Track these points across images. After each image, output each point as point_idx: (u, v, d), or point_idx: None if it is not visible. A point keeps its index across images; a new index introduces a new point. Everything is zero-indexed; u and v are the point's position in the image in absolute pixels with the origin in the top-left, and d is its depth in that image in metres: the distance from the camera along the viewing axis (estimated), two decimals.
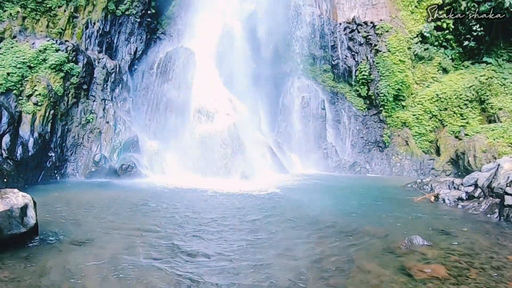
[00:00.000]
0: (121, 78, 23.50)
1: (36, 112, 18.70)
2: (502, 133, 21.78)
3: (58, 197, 14.49)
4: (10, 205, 8.26)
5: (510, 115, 22.68)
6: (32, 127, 18.50)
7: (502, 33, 24.92)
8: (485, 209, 14.10)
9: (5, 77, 18.08)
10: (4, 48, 19.10)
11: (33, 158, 18.19)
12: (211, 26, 25.84)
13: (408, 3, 27.67)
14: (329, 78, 28.45)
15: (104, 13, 23.80)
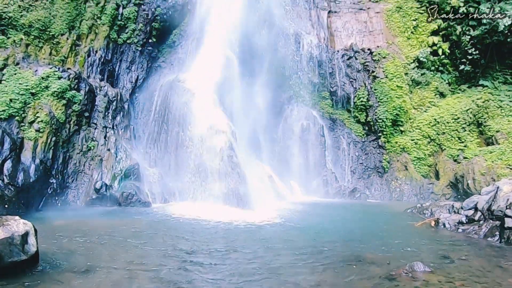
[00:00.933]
0: (122, 106, 23.66)
1: (38, 138, 18.78)
2: (500, 155, 21.93)
3: (59, 225, 14.49)
4: (11, 233, 8.26)
5: (508, 136, 22.86)
6: (33, 153, 18.52)
7: (497, 55, 25.30)
8: (485, 232, 14.14)
9: (8, 104, 18.24)
10: (8, 75, 19.29)
11: (34, 185, 18.18)
12: (211, 55, 26.05)
13: (404, 29, 28.13)
14: (328, 105, 28.68)
15: (106, 41, 24.17)
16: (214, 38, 26.42)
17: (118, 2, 24.87)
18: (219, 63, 26.03)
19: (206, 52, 26.25)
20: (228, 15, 26.52)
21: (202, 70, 25.82)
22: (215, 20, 26.61)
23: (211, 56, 26.09)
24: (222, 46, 26.44)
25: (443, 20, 26.66)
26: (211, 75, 25.65)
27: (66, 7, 22.53)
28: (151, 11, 25.99)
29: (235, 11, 26.65)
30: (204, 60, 26.08)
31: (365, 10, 29.01)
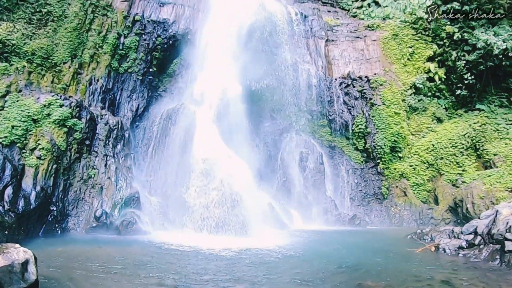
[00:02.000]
0: (123, 134, 23.80)
1: (39, 165, 18.84)
2: (499, 178, 22.07)
3: (59, 252, 14.48)
4: (11, 260, 8.28)
5: (506, 159, 23.04)
6: (34, 180, 18.55)
7: (492, 79, 25.70)
8: (486, 256, 14.21)
9: (9, 130, 18.38)
10: (10, 101, 19.48)
11: (34, 211, 18.19)
12: (210, 84, 26.36)
13: (401, 56, 28.55)
14: (327, 133, 28.89)
15: (108, 70, 24.50)
16: (213, 68, 26.74)
17: (119, 31, 25.32)
18: (218, 92, 26.33)
19: (205, 81, 26.53)
20: (227, 45, 26.95)
21: (201, 99, 26.11)
22: (215, 50, 26.95)
23: (210, 85, 26.39)
24: (221, 75, 26.77)
25: (439, 46, 27.10)
26: (211, 104, 25.95)
27: (68, 35, 22.94)
28: (152, 40, 26.40)
29: (234, 41, 27.09)
30: (204, 89, 26.36)
31: (361, 38, 29.47)
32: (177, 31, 27.33)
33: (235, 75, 27.21)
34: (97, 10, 24.76)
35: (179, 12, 27.78)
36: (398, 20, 29.34)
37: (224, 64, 27.04)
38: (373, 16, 30.82)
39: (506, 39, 23.31)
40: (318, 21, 30.07)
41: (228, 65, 27.09)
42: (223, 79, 26.84)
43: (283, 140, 28.72)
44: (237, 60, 27.07)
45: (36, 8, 22.19)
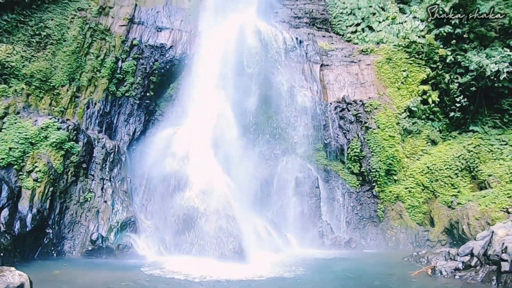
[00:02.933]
0: (119, 158, 23.89)
1: (35, 188, 18.91)
2: (494, 198, 22.18)
3: (54, 276, 14.52)
4: (6, 284, 8.31)
5: (500, 180, 23.18)
6: (31, 202, 18.63)
7: (485, 101, 26.00)
8: (482, 277, 14.27)
9: (7, 152, 18.51)
10: (8, 123, 19.66)
11: (30, 234, 18.24)
12: (207, 109, 26.59)
13: (395, 80, 28.88)
14: (322, 157, 28.99)
15: (105, 94, 24.78)
16: (209, 92, 27.01)
17: (117, 55, 25.68)
18: (214, 117, 26.52)
19: (202, 107, 26.75)
20: (223, 70, 27.28)
21: (198, 124, 26.28)
22: (211, 75, 27.28)
23: (207, 110, 26.60)
24: (218, 100, 27.02)
25: (432, 69, 27.50)
26: (207, 129, 26.11)
27: (67, 59, 23.29)
28: (149, 65, 26.73)
29: (231, 66, 27.43)
30: (200, 114, 26.56)
31: (356, 63, 29.85)
32: (174, 55, 27.68)
33: (231, 99, 27.47)
34: (96, 34, 25.21)
35: (176, 37, 28.18)
36: (391, 44, 29.81)
37: (220, 89, 27.34)
38: (367, 41, 31.26)
39: (498, 61, 23.73)
40: (313, 46, 30.47)
41: (224, 90, 27.39)
42: (219, 104, 27.11)
43: (279, 164, 28.78)
44: (233, 85, 27.37)
45: (35, 31, 22.62)
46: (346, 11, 32.44)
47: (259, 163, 27.53)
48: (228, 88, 27.41)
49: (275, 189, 28.02)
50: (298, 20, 32.70)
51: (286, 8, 33.25)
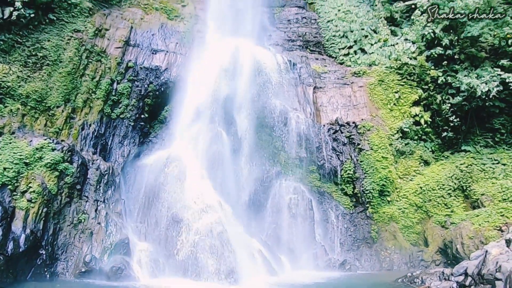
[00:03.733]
0: (114, 179, 23.88)
1: (29, 208, 18.89)
2: (487, 217, 22.27)
3: None
4: None
5: (493, 198, 23.31)
6: (24, 223, 18.58)
7: (476, 120, 26.27)
8: None
9: (1, 172, 18.55)
10: (3, 143, 19.73)
11: (23, 254, 18.19)
12: (201, 131, 26.79)
13: (387, 101, 29.16)
14: (316, 179, 29.06)
15: (100, 115, 24.83)
16: (204, 114, 27.24)
17: (112, 77, 25.84)
18: (208, 138, 26.71)
19: (196, 128, 26.94)
20: (217, 93, 27.56)
21: (192, 146, 26.43)
22: (206, 97, 27.54)
23: (201, 131, 26.80)
24: (212, 122, 27.23)
25: (424, 90, 27.86)
26: (201, 151, 26.26)
27: (62, 80, 23.45)
28: (144, 87, 26.87)
29: (225, 88, 27.72)
30: (195, 136, 26.74)
31: (349, 85, 30.15)
32: (169, 78, 27.87)
33: (224, 122, 27.69)
34: (92, 56, 25.40)
35: (171, 59, 28.44)
36: (383, 66, 30.13)
37: (214, 111, 27.57)
38: (359, 63, 31.63)
39: (488, 81, 24.09)
40: (306, 69, 30.81)
41: (217, 112, 27.62)
42: (212, 126, 27.30)
43: (273, 187, 28.80)
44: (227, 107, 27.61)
45: (32, 51, 22.81)
46: (339, 34, 32.96)
47: (253, 185, 27.56)
48: (221, 111, 27.66)
49: (269, 211, 28.00)
50: (291, 43, 33.15)
51: (280, 31, 33.76)
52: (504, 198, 22.76)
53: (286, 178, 28.64)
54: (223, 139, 26.96)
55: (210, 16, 31.70)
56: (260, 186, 27.99)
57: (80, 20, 25.65)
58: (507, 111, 25.15)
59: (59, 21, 24.68)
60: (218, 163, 26.18)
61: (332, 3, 34.77)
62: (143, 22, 29.05)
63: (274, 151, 29.14)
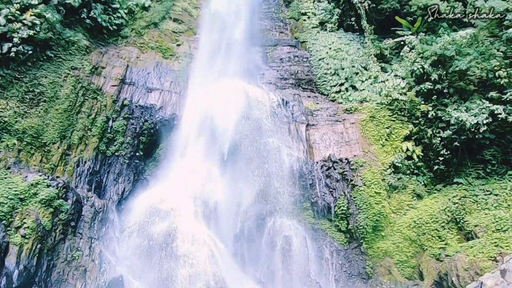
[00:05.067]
0: (108, 217, 23.96)
1: (23, 244, 18.89)
2: (481, 248, 22.26)
3: None
4: None
5: (487, 229, 23.35)
6: (18, 259, 18.57)
7: (467, 153, 26.44)
8: None
9: None
10: None
11: None
12: (194, 170, 26.98)
13: (379, 137, 29.47)
14: (310, 216, 29.07)
15: (95, 152, 25.08)
16: (198, 152, 27.50)
17: (108, 115, 26.24)
18: (202, 176, 26.87)
19: (190, 166, 27.14)
20: (212, 130, 27.93)
21: (186, 184, 26.57)
22: (199, 135, 27.88)
23: (194, 171, 26.99)
24: (205, 160, 27.46)
25: (414, 125, 28.24)
26: (195, 190, 26.39)
27: (59, 116, 23.79)
28: (139, 125, 27.22)
29: (219, 126, 28.08)
30: (188, 174, 26.91)
31: (341, 122, 30.55)
32: (163, 116, 28.29)
33: (218, 159, 27.91)
34: (88, 93, 25.87)
35: (166, 98, 28.92)
36: (374, 103, 30.66)
37: (208, 149, 27.84)
38: (351, 100, 32.14)
39: (477, 113, 24.51)
40: (298, 107, 31.28)
41: (211, 151, 27.89)
42: (206, 165, 27.51)
43: (267, 224, 28.79)
44: (220, 146, 27.89)
45: (29, 87, 23.22)
46: (330, 71, 33.62)
47: (247, 223, 27.57)
48: (215, 148, 27.93)
49: (263, 249, 27.92)
50: (284, 81, 33.76)
51: (273, 70, 34.43)
52: (498, 228, 22.83)
53: (280, 216, 28.65)
54: (216, 177, 27.14)
55: (204, 55, 32.43)
56: (254, 223, 27.98)
57: (77, 57, 26.28)
58: (497, 142, 25.42)
59: (56, 58, 25.28)
60: (212, 200, 26.29)
61: (323, 42, 35.67)
62: (139, 61, 29.71)
63: (268, 188, 29.23)
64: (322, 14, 37.89)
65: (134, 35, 31.22)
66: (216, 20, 35.24)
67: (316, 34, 36.88)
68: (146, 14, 32.70)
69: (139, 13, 32.36)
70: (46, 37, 24.38)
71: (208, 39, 33.58)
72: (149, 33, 32.11)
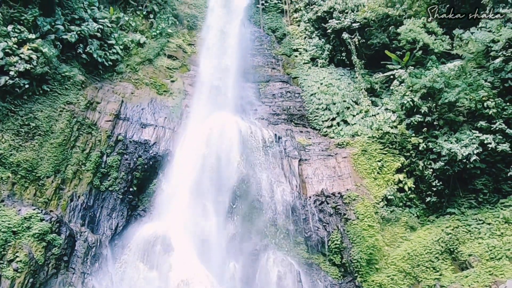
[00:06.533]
0: (101, 252, 23.85)
1: (15, 278, 18.77)
2: (476, 277, 22.23)
3: None
4: None
5: (481, 258, 23.34)
6: None
7: (459, 183, 26.62)
8: None
9: None
10: None
11: None
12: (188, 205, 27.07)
13: (371, 170, 29.71)
14: (303, 250, 28.99)
15: (89, 187, 25.12)
16: (191, 188, 27.62)
17: (102, 150, 26.39)
18: (195, 212, 26.94)
19: (184, 202, 27.22)
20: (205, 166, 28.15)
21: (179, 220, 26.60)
22: (193, 171, 28.06)
23: (189, 205, 27.07)
24: (199, 195, 27.56)
25: (406, 157, 28.55)
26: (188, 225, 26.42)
27: (53, 151, 23.91)
28: (133, 160, 27.31)
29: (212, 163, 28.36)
30: (182, 209, 26.96)
31: (333, 156, 30.80)
32: (157, 152, 28.43)
33: (211, 195, 28.01)
34: (83, 128, 26.07)
35: (160, 133, 29.15)
36: (366, 137, 30.99)
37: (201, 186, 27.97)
38: (342, 134, 32.54)
39: (468, 144, 24.94)
40: (291, 142, 31.59)
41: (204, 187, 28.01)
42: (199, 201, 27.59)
43: (261, 260, 28.67)
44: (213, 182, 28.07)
45: (25, 121, 23.41)
46: (322, 106, 34.14)
47: (241, 259, 27.48)
48: (208, 184, 28.06)
49: (257, 284, 27.75)
50: (276, 116, 34.13)
51: (265, 106, 34.88)
52: (492, 257, 22.87)
53: (273, 251, 28.56)
54: (210, 213, 27.20)
55: (198, 91, 32.94)
56: (248, 259, 27.89)
57: (72, 92, 26.55)
58: (488, 171, 25.73)
59: (52, 93, 25.54)
60: (205, 237, 26.27)
61: (315, 77, 36.38)
62: (134, 97, 30.07)
63: (261, 223, 29.23)
64: (313, 50, 38.89)
65: (129, 71, 31.74)
66: (210, 57, 36.01)
67: (307, 70, 37.76)
68: (141, 50, 33.42)
69: (134, 49, 33.04)
70: (42, 71, 24.75)
71: (202, 76, 34.18)
72: (144, 69, 32.70)
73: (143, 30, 35.11)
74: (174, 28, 37.63)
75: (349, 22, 35.90)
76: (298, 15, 42.63)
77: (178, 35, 37.84)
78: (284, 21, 43.32)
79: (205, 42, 37.61)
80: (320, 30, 39.45)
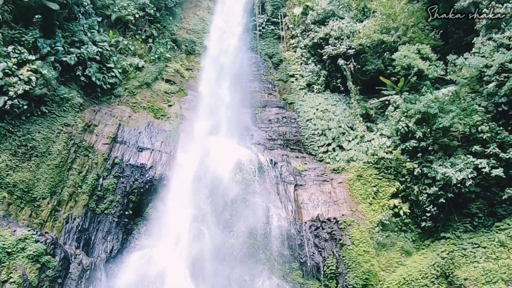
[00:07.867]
0: (96, 276, 23.79)
1: None
2: None
3: None
4: None
5: (477, 282, 23.24)
6: None
7: (454, 207, 26.64)
8: None
9: None
10: None
11: None
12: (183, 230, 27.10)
13: (366, 196, 29.83)
14: (299, 276, 28.89)
15: (85, 210, 25.16)
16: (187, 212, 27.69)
17: (99, 173, 26.50)
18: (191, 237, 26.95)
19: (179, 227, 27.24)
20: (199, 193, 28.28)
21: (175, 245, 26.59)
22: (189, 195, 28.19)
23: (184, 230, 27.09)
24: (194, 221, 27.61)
25: (401, 182, 28.71)
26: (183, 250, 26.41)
27: (50, 172, 24.01)
28: (129, 184, 27.40)
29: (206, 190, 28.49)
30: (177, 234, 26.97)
31: (328, 182, 30.95)
32: (153, 176, 28.51)
33: (207, 221, 28.02)
34: (80, 150, 26.23)
35: (156, 157, 29.27)
36: (361, 162, 31.25)
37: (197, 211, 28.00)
38: (338, 160, 32.84)
39: (462, 168, 25.11)
40: (287, 167, 31.77)
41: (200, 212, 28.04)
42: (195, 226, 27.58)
43: (256, 285, 28.57)
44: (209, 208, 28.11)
45: (22, 141, 23.56)
46: (317, 132, 34.49)
47: (236, 284, 27.36)
48: (204, 209, 28.11)
49: None
50: (272, 142, 34.36)
51: (261, 131, 35.13)
52: (488, 281, 22.83)
53: (268, 276, 28.48)
54: (205, 237, 27.19)
55: (195, 116, 33.19)
56: (243, 284, 27.77)
57: (70, 114, 26.75)
58: (483, 195, 25.81)
59: (50, 114, 25.73)
60: (201, 262, 26.23)
61: (311, 103, 36.73)
62: (131, 120, 30.27)
63: (257, 249, 29.18)
64: (309, 76, 39.39)
65: (127, 94, 32.03)
66: (207, 82, 36.45)
67: (303, 96, 38.20)
68: (139, 74, 33.81)
69: (133, 73, 33.43)
70: (41, 92, 24.96)
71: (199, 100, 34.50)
72: (141, 93, 33.03)
73: (141, 54, 35.58)
74: (172, 53, 38.18)
75: (345, 48, 36.57)
76: (295, 41, 43.27)
77: (176, 59, 38.36)
78: (280, 47, 43.99)
79: (203, 67, 38.10)
80: (316, 56, 40.12)
